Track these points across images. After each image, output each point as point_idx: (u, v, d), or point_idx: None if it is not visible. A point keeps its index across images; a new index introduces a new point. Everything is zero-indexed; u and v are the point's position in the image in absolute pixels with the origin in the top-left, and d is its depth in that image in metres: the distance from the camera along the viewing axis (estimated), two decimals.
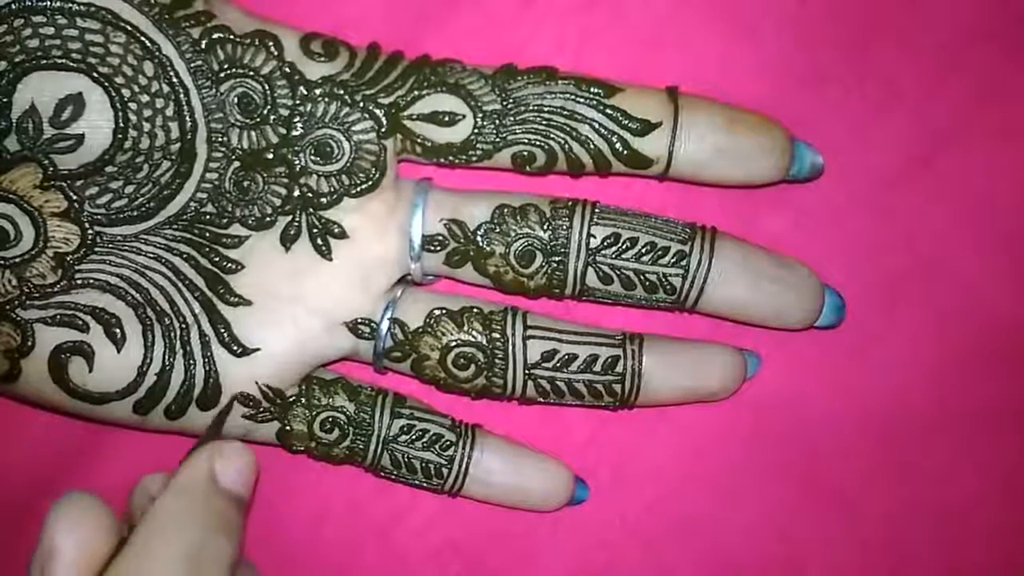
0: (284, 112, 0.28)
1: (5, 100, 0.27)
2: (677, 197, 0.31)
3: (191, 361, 0.29)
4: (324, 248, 0.29)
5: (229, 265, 0.29)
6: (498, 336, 0.30)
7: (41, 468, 0.33)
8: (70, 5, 0.27)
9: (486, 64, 0.30)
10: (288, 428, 0.30)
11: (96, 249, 0.29)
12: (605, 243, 0.29)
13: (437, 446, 0.31)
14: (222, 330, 0.29)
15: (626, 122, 0.29)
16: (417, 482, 0.31)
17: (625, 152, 0.29)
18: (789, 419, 0.32)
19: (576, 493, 0.32)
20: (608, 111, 0.29)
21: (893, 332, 0.32)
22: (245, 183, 0.29)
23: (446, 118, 0.29)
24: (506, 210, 0.30)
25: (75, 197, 0.28)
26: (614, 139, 0.29)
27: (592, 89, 0.29)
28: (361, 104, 0.29)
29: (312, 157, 0.29)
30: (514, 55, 0.31)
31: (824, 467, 0.33)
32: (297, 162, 0.29)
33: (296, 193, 0.29)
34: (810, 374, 0.32)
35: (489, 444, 0.31)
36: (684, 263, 0.29)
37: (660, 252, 0.29)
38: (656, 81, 0.31)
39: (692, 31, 0.32)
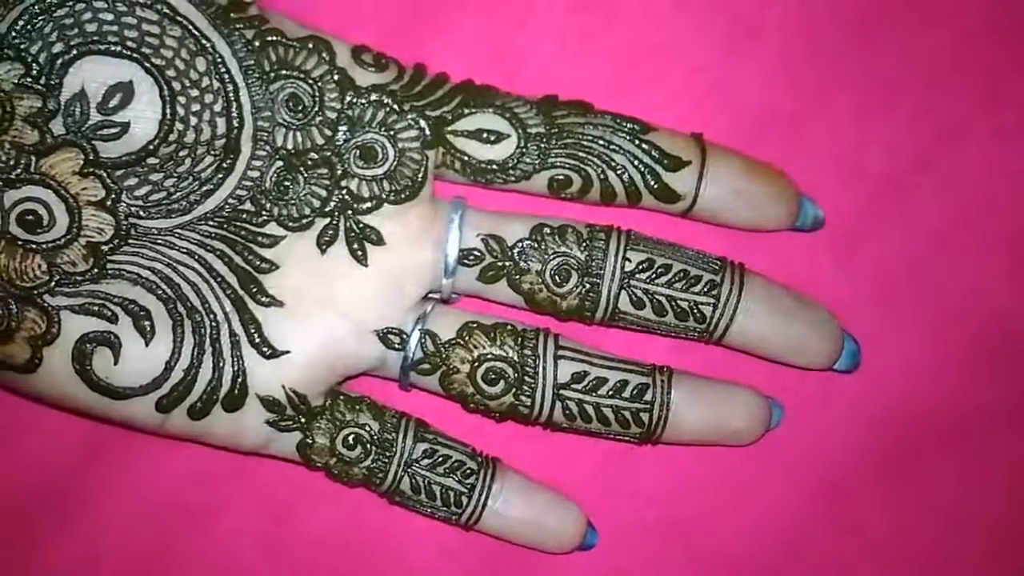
0: (331, 115, 0.29)
1: (57, 81, 0.27)
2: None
3: (220, 360, 0.28)
4: (360, 253, 0.29)
5: (263, 265, 0.29)
6: (529, 353, 0.30)
7: (42, 479, 0.33)
8: None
9: (487, 67, 0.30)
10: (310, 440, 0.30)
11: (130, 241, 0.28)
12: (640, 267, 0.30)
13: (458, 473, 0.30)
14: (252, 330, 0.29)
15: (659, 157, 0.30)
16: (434, 510, 0.30)
17: (656, 185, 0.30)
18: (790, 423, 0.32)
19: (587, 537, 0.31)
20: (644, 145, 0.30)
21: (893, 333, 0.32)
22: (286, 183, 0.29)
23: (491, 136, 0.29)
24: (545, 229, 0.30)
25: (113, 187, 0.28)
26: (647, 172, 0.30)
27: (629, 124, 0.30)
28: (409, 113, 0.29)
29: (356, 160, 0.29)
30: (515, 57, 0.32)
31: (825, 469, 0.33)
32: (340, 164, 0.29)
33: (336, 196, 0.29)
34: (811, 376, 0.32)
35: (509, 477, 0.31)
36: (715, 293, 0.30)
37: (693, 280, 0.30)
38: (658, 83, 0.32)
39: (693, 32, 0.32)
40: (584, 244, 0.30)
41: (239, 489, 0.33)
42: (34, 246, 0.27)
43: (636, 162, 0.30)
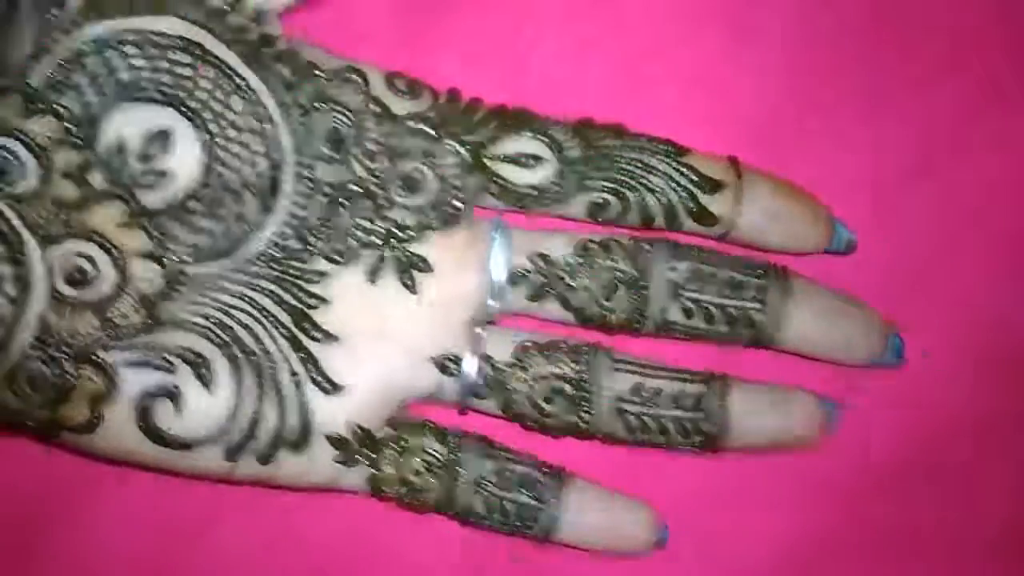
0: (371, 146, 0.28)
1: (94, 133, 0.26)
2: None
3: (283, 401, 0.28)
4: (409, 282, 0.29)
5: (313, 301, 0.29)
6: (586, 369, 0.30)
7: (40, 487, 0.32)
8: (163, 39, 0.27)
9: (488, 74, 0.30)
10: (379, 472, 0.29)
11: (179, 288, 0.28)
12: (687, 277, 0.30)
13: (530, 488, 0.30)
14: (311, 368, 0.28)
15: (697, 179, 0.30)
16: (509, 527, 0.30)
17: (694, 208, 0.30)
18: None
19: (662, 535, 0.31)
20: (680, 167, 0.29)
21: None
22: (330, 217, 0.28)
23: (529, 160, 0.29)
24: (590, 244, 0.30)
25: (157, 235, 0.27)
26: (685, 194, 0.30)
27: (665, 146, 0.30)
28: (446, 140, 0.29)
29: (398, 190, 0.29)
30: (516, 61, 0.31)
31: (832, 475, 0.33)
32: (382, 195, 0.28)
33: (381, 226, 0.29)
34: (816, 381, 0.32)
35: (579, 486, 0.31)
36: (763, 297, 0.30)
37: (740, 286, 0.30)
38: (659, 87, 0.31)
39: (694, 36, 0.32)
40: (630, 257, 0.30)
41: (238, 498, 0.32)
42: (83, 302, 0.27)
43: (674, 184, 0.29)
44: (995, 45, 0.33)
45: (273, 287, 0.28)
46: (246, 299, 0.28)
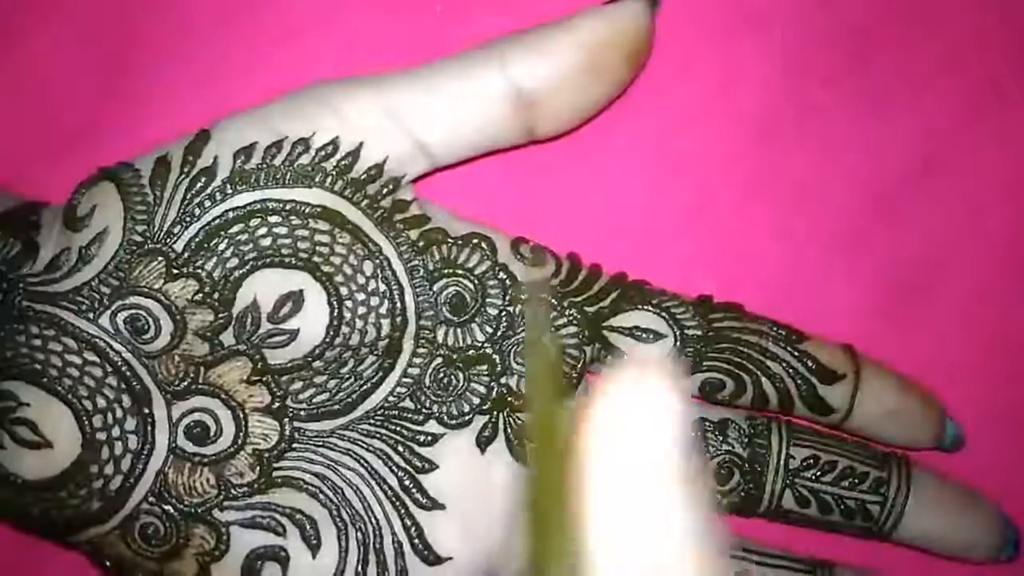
0: (493, 311, 0.28)
1: (231, 296, 0.27)
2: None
3: (383, 570, 0.28)
4: (520, 452, 0.29)
5: (423, 465, 0.28)
6: None
7: None
8: (306, 208, 0.27)
9: None
10: None
11: (293, 445, 0.28)
12: (804, 465, 0.29)
13: None
14: (414, 536, 0.28)
15: (815, 368, 0.29)
16: None
17: (810, 397, 0.29)
18: None
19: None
20: (799, 355, 0.29)
21: (899, 336, 0.32)
22: (446, 379, 0.28)
23: (649, 336, 0.29)
24: (706, 424, 0.29)
25: (279, 392, 0.28)
26: (801, 383, 0.29)
27: (785, 332, 0.29)
28: (567, 309, 0.29)
29: (516, 357, 0.28)
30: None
31: None
32: (500, 361, 0.28)
33: (496, 392, 0.28)
34: None
35: None
36: (883, 491, 0.29)
37: (859, 477, 0.29)
38: (661, 83, 0.31)
39: (693, 34, 0.31)
40: (746, 440, 0.29)
41: None
42: (202, 458, 0.27)
43: (791, 372, 0.29)
44: (995, 45, 0.32)
45: (383, 446, 0.28)
46: (356, 457, 0.28)
